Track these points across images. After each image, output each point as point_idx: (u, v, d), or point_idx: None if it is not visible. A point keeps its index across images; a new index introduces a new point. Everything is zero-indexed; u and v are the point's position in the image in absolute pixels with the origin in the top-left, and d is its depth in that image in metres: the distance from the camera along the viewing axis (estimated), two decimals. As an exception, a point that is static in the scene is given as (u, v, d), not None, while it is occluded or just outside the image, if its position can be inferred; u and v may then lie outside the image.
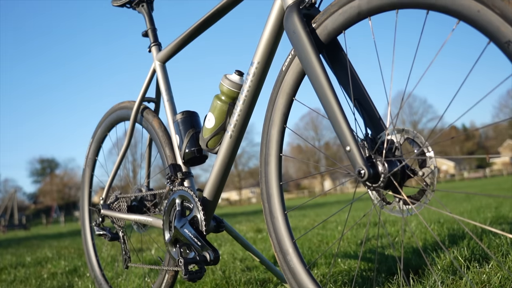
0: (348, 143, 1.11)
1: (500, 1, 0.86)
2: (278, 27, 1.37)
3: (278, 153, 1.37)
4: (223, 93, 1.54)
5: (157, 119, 1.90)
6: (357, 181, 1.13)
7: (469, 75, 1.01)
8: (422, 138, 1.08)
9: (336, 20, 1.18)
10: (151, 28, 1.97)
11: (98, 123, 2.24)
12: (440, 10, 0.97)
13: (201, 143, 1.61)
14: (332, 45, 1.25)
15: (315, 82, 1.17)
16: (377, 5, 1.08)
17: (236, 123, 1.48)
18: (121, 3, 2.02)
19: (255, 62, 1.41)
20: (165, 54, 1.83)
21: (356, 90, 1.22)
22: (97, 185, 3.73)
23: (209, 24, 1.65)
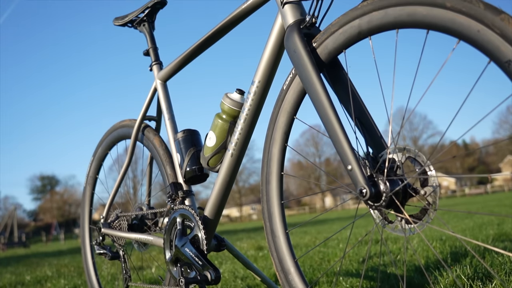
0: (349, 162, 1.10)
1: (500, 21, 0.87)
2: (279, 46, 1.38)
3: (279, 171, 1.37)
4: (224, 111, 1.55)
5: (158, 138, 1.91)
6: (358, 199, 1.13)
7: (470, 91, 1.01)
8: (424, 157, 1.08)
9: (337, 40, 1.19)
10: (152, 47, 1.98)
11: (99, 142, 2.24)
12: (440, 30, 0.98)
13: (202, 162, 1.61)
14: (333, 64, 1.26)
15: (316, 101, 1.17)
16: (377, 25, 1.09)
17: (237, 142, 1.48)
18: (122, 23, 2.04)
19: (256, 81, 1.42)
20: (166, 73, 1.84)
21: (357, 109, 1.22)
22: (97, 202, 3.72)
23: (210, 43, 1.66)
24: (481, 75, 0.95)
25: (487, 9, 0.89)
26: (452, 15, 0.94)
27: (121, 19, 2.05)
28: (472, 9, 0.91)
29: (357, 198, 1.12)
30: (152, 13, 2.00)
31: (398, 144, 1.12)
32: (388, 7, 1.06)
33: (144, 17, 2.00)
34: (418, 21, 1.01)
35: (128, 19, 2.02)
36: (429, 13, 0.98)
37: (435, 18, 0.97)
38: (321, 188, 45.99)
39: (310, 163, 51.10)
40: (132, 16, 2.01)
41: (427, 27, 1.00)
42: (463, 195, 51.39)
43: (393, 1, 1.05)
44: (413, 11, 1.01)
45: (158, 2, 1.95)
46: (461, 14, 0.93)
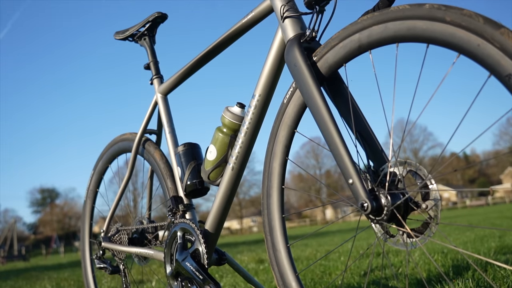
0: (350, 176, 1.10)
1: (500, 35, 0.87)
2: (279, 60, 1.38)
3: (280, 185, 1.37)
4: (224, 125, 1.55)
5: (159, 151, 1.91)
6: (360, 213, 1.13)
7: (470, 105, 1.01)
8: (425, 171, 1.08)
9: (337, 54, 1.19)
10: (153, 61, 1.99)
11: (99, 155, 2.24)
12: (440, 44, 0.98)
13: (203, 175, 1.61)
14: (333, 77, 1.26)
15: (317, 114, 1.17)
16: (377, 39, 1.09)
17: (238, 155, 1.48)
18: (123, 37, 2.05)
19: (257, 94, 1.42)
20: (167, 87, 1.85)
21: (357, 122, 1.23)
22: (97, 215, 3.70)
23: (211, 57, 1.66)
24: (481, 89, 0.95)
25: (487, 23, 0.89)
26: (452, 29, 0.94)
27: (122, 33, 2.06)
28: (472, 23, 0.91)
29: (359, 211, 1.12)
30: (152, 27, 2.01)
31: (399, 157, 1.12)
32: (388, 21, 1.07)
33: (145, 31, 2.01)
34: (418, 35, 1.01)
35: (129, 33, 2.03)
36: (429, 27, 0.98)
37: (435, 32, 0.97)
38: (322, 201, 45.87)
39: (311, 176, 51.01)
40: (133, 30, 2.02)
41: (427, 41, 1.00)
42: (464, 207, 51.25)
43: (392, 16, 1.06)
44: (413, 25, 1.01)
45: (159, 17, 1.96)
46: (460, 28, 0.93)
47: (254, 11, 1.45)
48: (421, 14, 1.00)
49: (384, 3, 1.37)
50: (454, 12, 0.95)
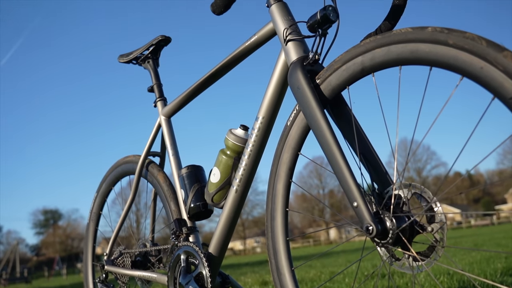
0: (355, 198, 1.09)
1: (503, 58, 0.87)
2: (282, 82, 1.39)
3: (284, 207, 1.36)
4: (228, 147, 1.55)
5: (162, 174, 1.90)
6: (365, 236, 1.12)
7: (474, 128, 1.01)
8: (430, 193, 1.07)
9: (340, 76, 1.19)
10: (157, 84, 2.00)
11: (103, 178, 2.24)
12: (443, 66, 0.98)
13: (207, 198, 1.60)
14: (336, 100, 1.26)
15: (320, 137, 1.17)
16: (380, 62, 1.10)
17: (242, 178, 1.48)
18: (127, 60, 2.07)
19: (260, 117, 1.42)
20: (170, 109, 1.86)
21: (361, 145, 1.22)
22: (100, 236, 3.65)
23: (214, 79, 1.67)
24: (485, 111, 0.95)
25: (490, 46, 0.90)
26: (454, 52, 0.95)
27: (126, 56, 2.08)
28: (474, 46, 0.92)
29: (363, 234, 1.11)
30: (156, 50, 2.03)
31: (403, 180, 1.12)
32: (390, 44, 1.07)
33: (149, 54, 2.02)
34: (421, 58, 1.01)
35: (133, 56, 2.05)
36: (432, 50, 0.99)
37: (437, 55, 0.98)
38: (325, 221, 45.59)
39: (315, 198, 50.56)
40: (136, 53, 2.04)
41: (430, 64, 1.00)
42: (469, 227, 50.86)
43: (395, 39, 1.06)
44: (416, 48, 1.02)
45: (163, 40, 1.97)
46: (463, 51, 0.93)
47: (257, 34, 1.46)
48: (424, 37, 1.00)
49: (386, 26, 1.38)
50: (457, 35, 0.95)
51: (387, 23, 1.38)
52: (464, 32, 0.95)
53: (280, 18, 1.35)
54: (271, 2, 1.38)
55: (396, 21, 1.39)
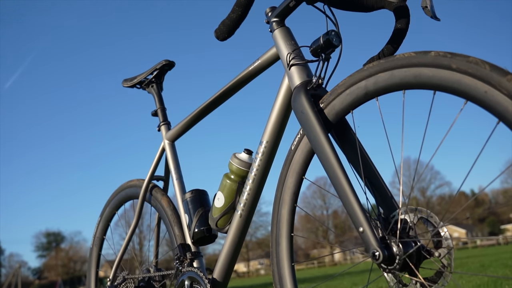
0: (360, 223, 1.08)
1: (507, 82, 0.87)
2: (286, 107, 1.39)
3: (289, 232, 1.35)
4: (232, 171, 1.54)
5: (166, 198, 1.90)
6: (372, 262, 1.10)
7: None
8: (436, 218, 1.06)
9: (344, 101, 1.19)
10: (161, 108, 2.01)
11: (106, 202, 2.23)
12: (446, 90, 0.98)
13: (211, 223, 1.59)
14: (340, 124, 1.26)
15: (325, 161, 1.17)
16: (383, 86, 1.10)
17: (246, 202, 1.47)
18: (131, 84, 2.08)
19: (264, 141, 1.43)
20: (174, 133, 1.86)
21: (366, 169, 1.22)
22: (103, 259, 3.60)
23: (218, 103, 1.68)
24: (490, 135, 0.94)
25: (493, 70, 0.90)
26: (458, 76, 0.95)
27: (130, 81, 2.09)
28: (478, 71, 0.92)
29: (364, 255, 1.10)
30: (160, 75, 2.04)
31: (407, 201, 1.11)
32: (393, 68, 1.07)
33: (153, 79, 2.04)
34: (424, 82, 1.02)
35: (137, 81, 2.06)
36: (435, 75, 0.99)
37: (441, 80, 0.98)
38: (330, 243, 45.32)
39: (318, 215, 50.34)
40: (140, 77, 2.05)
41: (434, 88, 1.00)
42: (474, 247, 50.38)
43: (398, 63, 1.06)
44: (419, 73, 1.02)
45: (166, 64, 1.99)
46: (467, 75, 0.93)
47: (261, 58, 1.47)
48: (427, 62, 1.00)
49: (389, 50, 1.39)
50: (460, 60, 0.95)
51: (390, 46, 1.39)
52: (467, 56, 0.95)
53: (283, 43, 1.36)
54: (274, 27, 1.39)
55: (398, 44, 1.40)
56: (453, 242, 1.04)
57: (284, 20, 1.40)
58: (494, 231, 58.41)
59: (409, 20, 1.39)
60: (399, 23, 1.39)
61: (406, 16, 1.38)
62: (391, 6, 1.39)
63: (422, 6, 1.32)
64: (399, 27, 1.39)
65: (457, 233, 59.74)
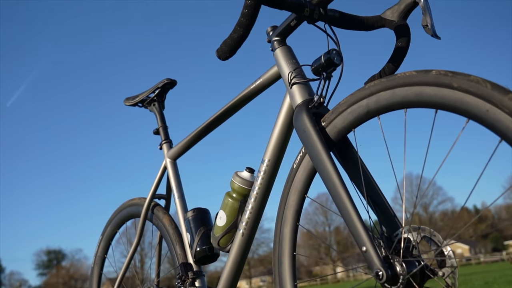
0: (364, 243, 1.08)
1: (508, 101, 0.87)
2: (288, 125, 1.39)
3: (291, 251, 1.34)
4: (234, 190, 1.54)
5: (168, 217, 1.89)
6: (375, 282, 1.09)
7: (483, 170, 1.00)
8: (440, 237, 1.05)
9: (345, 119, 1.20)
10: (162, 126, 2.01)
11: (108, 220, 2.23)
12: (448, 109, 0.98)
13: (213, 242, 1.58)
14: (342, 142, 1.26)
15: (327, 180, 1.17)
16: (385, 105, 1.10)
17: (248, 221, 1.46)
18: (133, 103, 2.09)
19: (266, 159, 1.42)
20: (176, 152, 1.86)
21: (368, 187, 1.21)
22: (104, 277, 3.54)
23: (219, 122, 1.68)
24: (493, 154, 0.94)
25: (495, 89, 0.90)
26: (459, 95, 0.95)
27: (132, 99, 2.10)
28: (479, 89, 0.92)
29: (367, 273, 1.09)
30: (162, 93, 2.05)
31: (410, 217, 1.10)
32: (395, 87, 1.08)
33: (155, 97, 2.05)
34: (426, 101, 1.02)
35: (139, 99, 2.07)
36: (437, 93, 0.99)
37: (442, 98, 0.98)
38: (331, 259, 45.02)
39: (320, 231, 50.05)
40: (142, 96, 2.06)
41: (435, 106, 1.01)
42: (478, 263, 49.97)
43: (400, 82, 1.07)
44: (420, 91, 1.02)
45: (168, 83, 2.00)
46: (468, 94, 0.94)
47: (262, 77, 1.48)
48: (428, 80, 1.01)
49: (390, 68, 1.40)
50: (461, 78, 0.95)
51: (391, 65, 1.40)
52: (468, 75, 0.95)
53: (285, 62, 1.37)
54: (276, 46, 1.40)
55: (399, 63, 1.41)
56: (457, 261, 1.03)
57: (285, 39, 1.41)
58: (497, 247, 57.98)
59: (410, 38, 1.40)
60: (400, 42, 1.40)
61: (407, 34, 1.39)
62: (391, 25, 1.41)
63: (422, 25, 1.33)
64: (400, 45, 1.40)
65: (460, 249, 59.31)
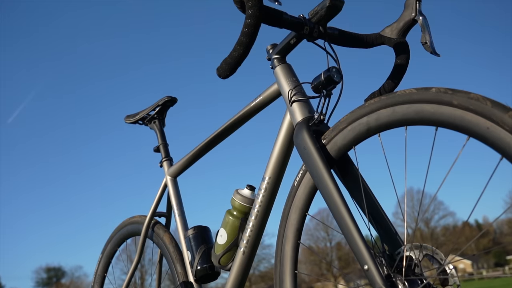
0: (365, 261, 1.07)
1: (509, 118, 0.87)
2: (288, 143, 1.39)
3: (293, 270, 1.33)
4: (235, 208, 1.53)
5: (168, 234, 1.88)
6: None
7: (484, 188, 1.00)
8: (442, 255, 1.05)
9: (346, 137, 1.19)
10: (163, 144, 2.01)
11: (108, 238, 2.21)
12: (449, 127, 0.98)
13: (213, 260, 1.57)
14: (343, 160, 1.26)
15: (328, 198, 1.16)
16: (385, 122, 1.10)
17: (249, 239, 1.46)
18: (133, 120, 2.09)
19: (266, 177, 1.42)
20: (176, 169, 1.86)
21: (369, 205, 1.21)
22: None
23: (220, 139, 1.68)
24: (494, 171, 0.94)
25: (495, 106, 0.90)
26: (460, 112, 0.95)
27: (132, 117, 2.10)
28: (479, 107, 0.92)
29: None
30: (162, 111, 2.05)
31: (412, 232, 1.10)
32: (395, 105, 1.08)
33: (155, 115, 2.05)
34: (426, 118, 1.02)
35: (139, 117, 2.07)
36: (437, 111, 0.99)
37: (443, 116, 0.98)
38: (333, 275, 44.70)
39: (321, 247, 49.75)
40: (143, 114, 2.06)
41: (436, 124, 1.01)
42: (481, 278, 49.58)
43: (400, 99, 1.07)
44: (421, 109, 1.02)
45: (169, 100, 2.00)
46: (469, 112, 0.94)
47: (262, 95, 1.48)
48: (428, 98, 1.01)
49: (390, 85, 1.40)
50: (461, 96, 0.96)
51: (390, 82, 1.41)
52: (468, 93, 0.95)
53: (285, 79, 1.37)
54: (276, 64, 1.41)
55: (399, 80, 1.41)
56: (459, 279, 1.02)
57: (285, 57, 1.42)
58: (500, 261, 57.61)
59: (409, 55, 1.41)
60: (399, 59, 1.40)
61: (406, 52, 1.40)
62: (390, 42, 1.41)
63: (421, 42, 1.34)
64: (399, 62, 1.40)
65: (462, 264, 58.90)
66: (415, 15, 1.35)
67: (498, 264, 57.62)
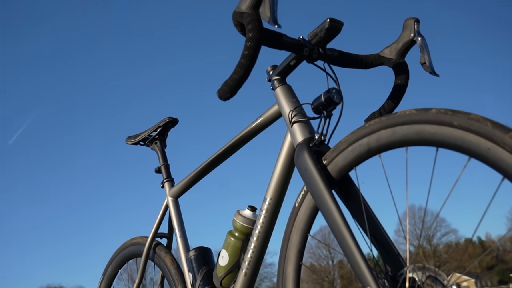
0: (368, 283, 1.06)
1: (509, 139, 0.88)
2: (289, 163, 1.39)
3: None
4: (236, 229, 1.53)
5: (170, 256, 1.87)
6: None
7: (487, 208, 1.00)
8: (444, 275, 1.04)
9: (347, 157, 1.20)
10: (164, 165, 2.02)
11: (109, 260, 2.20)
12: (449, 147, 0.98)
13: (215, 282, 1.56)
14: (344, 181, 1.26)
15: (329, 219, 1.16)
16: (386, 143, 1.10)
17: (251, 260, 1.45)
18: (135, 141, 2.09)
19: (268, 198, 1.42)
20: (178, 190, 1.86)
21: (371, 225, 1.21)
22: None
23: (221, 160, 1.68)
24: (496, 191, 0.94)
25: (495, 127, 0.90)
26: (460, 133, 0.95)
27: (134, 138, 2.11)
28: (480, 128, 0.92)
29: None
30: (164, 132, 2.06)
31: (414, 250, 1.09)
32: (395, 125, 1.08)
33: (156, 136, 2.06)
34: (426, 139, 1.02)
35: (141, 138, 2.08)
36: (437, 132, 0.99)
37: (443, 136, 0.98)
38: (336, 293, 44.29)
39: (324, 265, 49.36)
40: (144, 135, 2.07)
41: (436, 145, 1.01)
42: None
43: (400, 120, 1.07)
44: (421, 130, 1.03)
45: (170, 121, 2.01)
46: (469, 133, 0.94)
47: (263, 116, 1.49)
48: (428, 119, 1.01)
49: (389, 105, 1.41)
50: (461, 117, 0.96)
51: (390, 102, 1.41)
52: (468, 114, 0.96)
53: (285, 101, 1.38)
54: (276, 85, 1.41)
55: (398, 100, 1.42)
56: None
57: (285, 78, 1.43)
58: (503, 279, 57.08)
59: (409, 76, 1.42)
60: (399, 79, 1.41)
61: (405, 72, 1.41)
62: (390, 63, 1.42)
63: (421, 63, 1.35)
64: (399, 83, 1.41)
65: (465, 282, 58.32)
66: (413, 36, 1.36)
67: (502, 281, 57.03)
